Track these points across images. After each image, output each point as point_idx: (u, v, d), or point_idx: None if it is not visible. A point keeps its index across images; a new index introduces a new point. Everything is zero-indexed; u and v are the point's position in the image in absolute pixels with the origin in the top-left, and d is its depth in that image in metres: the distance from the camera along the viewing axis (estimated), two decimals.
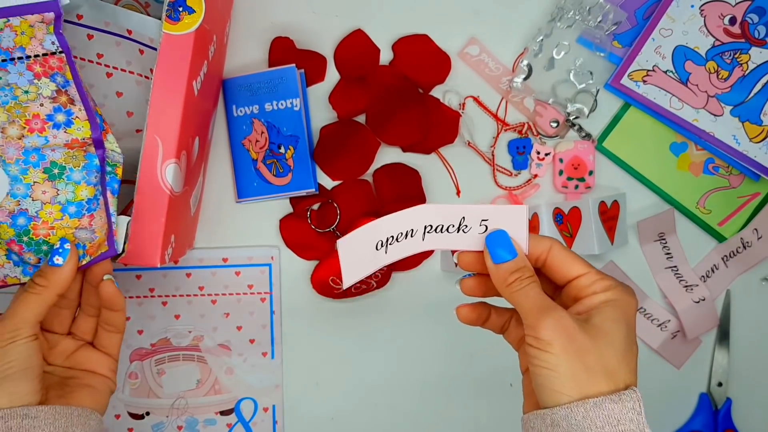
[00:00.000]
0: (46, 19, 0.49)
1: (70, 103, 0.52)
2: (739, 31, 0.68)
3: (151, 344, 0.71)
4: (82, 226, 0.53)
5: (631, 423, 0.41)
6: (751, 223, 0.71)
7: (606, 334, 0.43)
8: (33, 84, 0.51)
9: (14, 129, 0.51)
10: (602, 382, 0.42)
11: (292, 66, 0.68)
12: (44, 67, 0.51)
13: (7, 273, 0.54)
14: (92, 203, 0.53)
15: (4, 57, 0.49)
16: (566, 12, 0.68)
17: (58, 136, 0.52)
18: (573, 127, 0.70)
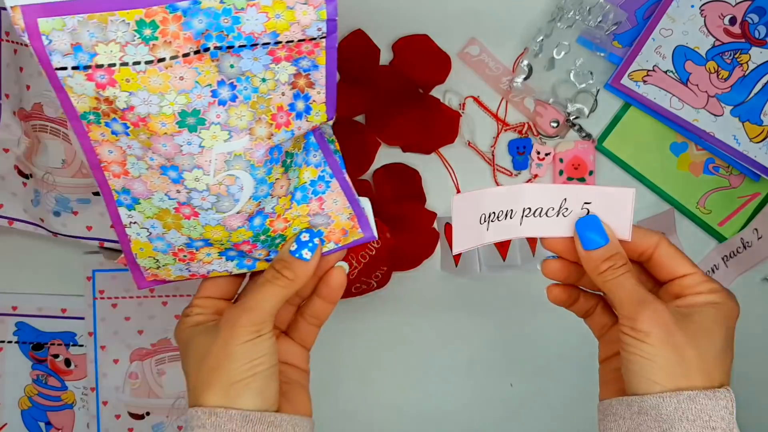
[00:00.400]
0: (312, 1, 0.40)
1: (308, 87, 0.45)
2: (739, 31, 0.68)
3: (152, 344, 0.71)
4: (313, 212, 0.49)
5: (722, 421, 0.41)
6: (752, 223, 0.71)
7: (706, 333, 0.43)
8: (269, 70, 0.43)
9: (262, 128, 0.44)
10: (697, 378, 0.42)
11: None
12: (291, 52, 0.43)
13: (214, 268, 0.50)
14: (318, 185, 0.49)
15: (244, 42, 0.41)
16: (566, 12, 0.68)
17: (302, 126, 0.46)
18: (573, 127, 0.70)
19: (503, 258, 0.68)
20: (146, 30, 0.38)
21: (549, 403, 0.74)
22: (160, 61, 0.39)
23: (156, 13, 0.38)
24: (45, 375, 0.73)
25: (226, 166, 0.43)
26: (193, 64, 0.40)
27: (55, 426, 0.74)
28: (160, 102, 0.40)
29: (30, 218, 0.66)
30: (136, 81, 0.39)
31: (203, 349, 0.45)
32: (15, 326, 0.72)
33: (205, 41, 0.40)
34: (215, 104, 0.41)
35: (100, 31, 0.38)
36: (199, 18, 0.39)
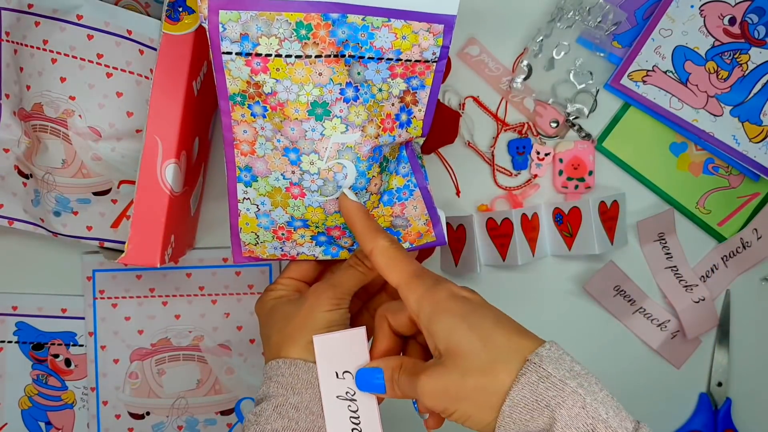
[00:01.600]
0: (433, 29, 0.49)
1: (413, 104, 0.53)
2: (738, 32, 0.68)
3: (152, 344, 0.71)
4: (395, 214, 0.56)
5: (547, 390, 0.41)
6: (751, 223, 0.71)
7: (456, 351, 0.43)
8: (386, 82, 0.51)
9: (372, 128, 0.51)
10: (500, 383, 0.41)
11: None
12: (406, 70, 0.51)
13: (303, 251, 0.56)
14: (402, 192, 0.56)
15: (373, 55, 0.49)
16: (566, 12, 0.68)
17: (402, 135, 0.54)
18: (573, 127, 0.70)
19: (503, 258, 0.68)
20: (302, 30, 0.47)
21: None
22: (307, 57, 0.47)
23: (312, 18, 0.46)
24: (45, 375, 0.73)
25: (337, 155, 0.51)
26: (331, 64, 0.48)
27: (56, 426, 0.74)
28: (298, 91, 0.48)
29: (30, 218, 0.66)
30: (284, 71, 0.47)
31: (289, 314, 0.53)
32: (15, 326, 0.72)
33: (344, 48, 0.48)
34: (341, 100, 0.49)
35: (266, 26, 0.46)
36: (343, 29, 0.47)
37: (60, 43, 0.60)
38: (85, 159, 0.62)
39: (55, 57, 0.60)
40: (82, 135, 0.61)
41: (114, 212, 0.65)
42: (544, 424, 0.40)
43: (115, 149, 0.62)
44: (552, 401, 0.40)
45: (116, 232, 0.65)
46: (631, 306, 0.72)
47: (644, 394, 0.73)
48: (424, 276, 0.47)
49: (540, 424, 0.40)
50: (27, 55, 0.61)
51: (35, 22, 0.60)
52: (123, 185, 0.64)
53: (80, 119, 0.61)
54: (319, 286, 0.53)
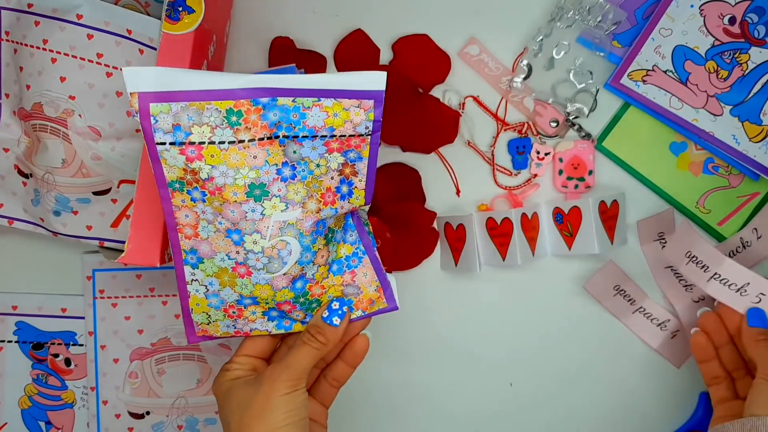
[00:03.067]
0: (363, 105, 0.51)
1: (353, 175, 0.54)
2: (738, 31, 0.68)
3: (152, 344, 0.71)
4: (346, 283, 0.57)
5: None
6: (751, 223, 0.71)
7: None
8: (323, 158, 0.52)
9: (313, 203, 0.52)
10: None
11: (292, 66, 0.68)
12: (342, 144, 0.52)
13: (256, 327, 0.57)
14: (351, 260, 0.57)
15: (306, 134, 0.50)
16: (566, 12, 0.68)
17: (344, 206, 0.55)
18: (573, 126, 0.70)
19: (503, 258, 0.68)
20: (233, 117, 0.48)
21: (549, 403, 0.74)
22: (240, 142, 0.48)
23: (242, 104, 0.48)
24: (45, 374, 0.73)
25: (280, 233, 0.51)
26: (265, 146, 0.49)
27: (55, 425, 0.74)
28: (235, 175, 0.49)
29: (30, 218, 0.66)
30: (219, 157, 0.48)
31: (245, 400, 0.51)
32: (15, 326, 0.72)
33: (277, 130, 0.49)
34: (278, 180, 0.50)
35: (197, 116, 0.48)
36: (274, 112, 0.48)
37: (60, 43, 0.60)
38: (85, 158, 0.62)
39: (54, 56, 0.60)
40: (81, 134, 0.61)
41: (114, 212, 0.65)
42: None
43: (115, 149, 0.62)
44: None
45: (116, 232, 0.65)
46: (630, 306, 0.72)
47: (644, 394, 0.73)
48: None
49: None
50: (27, 55, 0.61)
51: (35, 21, 0.60)
52: (123, 185, 0.64)
53: (80, 119, 0.61)
54: (274, 368, 0.53)
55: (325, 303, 0.56)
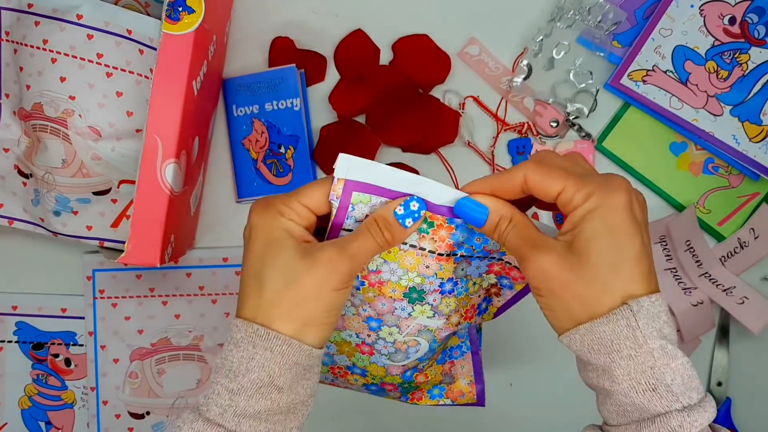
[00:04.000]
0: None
1: (495, 295, 0.55)
2: (738, 31, 0.68)
3: (152, 344, 0.71)
4: (444, 372, 0.58)
5: (627, 340, 0.41)
6: (748, 223, 0.71)
7: (587, 254, 0.42)
8: (480, 276, 0.52)
9: (456, 317, 0.52)
10: (596, 306, 0.42)
11: (292, 66, 0.68)
12: (503, 269, 0.52)
13: (351, 388, 0.58)
14: (454, 352, 0.59)
15: (480, 255, 0.50)
16: (566, 12, 0.68)
17: (477, 320, 0.55)
18: (573, 126, 0.70)
19: None
20: (424, 225, 0.47)
21: (549, 403, 0.74)
22: (421, 249, 0.48)
23: (437, 218, 0.47)
24: (45, 374, 0.73)
25: (417, 333, 0.52)
26: (440, 261, 0.48)
27: (56, 425, 0.74)
28: (402, 275, 0.49)
29: (30, 218, 0.66)
30: (395, 255, 0.48)
31: (292, 274, 0.44)
32: (15, 326, 0.72)
33: (457, 249, 0.48)
34: (438, 292, 0.50)
35: None
36: (462, 233, 0.48)
37: (60, 43, 0.60)
38: (85, 159, 0.62)
39: (54, 57, 0.60)
40: (82, 135, 0.61)
41: (114, 212, 0.65)
42: (604, 363, 0.41)
43: (115, 149, 0.62)
44: (624, 351, 0.41)
45: (116, 232, 0.65)
46: None
47: None
48: (596, 176, 0.44)
49: (601, 362, 0.42)
50: (27, 55, 0.61)
51: (35, 21, 0.60)
52: (123, 185, 0.64)
53: (80, 119, 0.61)
54: (335, 254, 0.45)
55: (401, 199, 0.48)
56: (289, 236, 0.46)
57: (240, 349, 0.44)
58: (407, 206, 0.46)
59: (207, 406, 0.43)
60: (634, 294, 0.41)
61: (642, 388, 0.41)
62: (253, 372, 0.43)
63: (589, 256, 0.42)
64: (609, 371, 0.41)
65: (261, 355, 0.43)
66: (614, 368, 0.41)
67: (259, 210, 0.47)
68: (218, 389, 0.43)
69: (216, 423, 0.42)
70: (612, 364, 0.41)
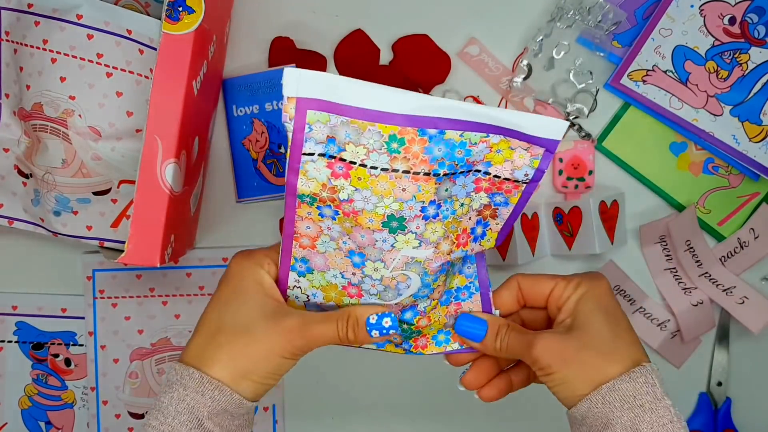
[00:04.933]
0: (532, 150, 0.46)
1: (491, 217, 0.51)
2: (738, 31, 0.68)
3: (152, 344, 0.71)
4: (449, 314, 0.54)
5: (648, 395, 0.44)
6: (747, 223, 0.71)
7: (589, 327, 0.47)
8: (469, 196, 0.48)
9: (446, 244, 0.49)
10: (608, 369, 0.45)
11: (292, 66, 0.68)
12: (492, 185, 0.48)
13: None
14: (461, 293, 0.54)
15: (465, 169, 0.46)
16: (566, 12, 0.68)
17: (474, 248, 0.52)
18: (573, 126, 0.70)
19: (503, 258, 0.68)
20: (394, 144, 0.44)
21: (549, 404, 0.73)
22: (393, 171, 0.44)
23: (408, 132, 0.43)
24: (45, 374, 0.73)
25: (404, 267, 0.48)
26: (418, 182, 0.45)
27: (56, 425, 0.74)
28: (377, 203, 0.45)
29: (30, 218, 0.66)
30: (366, 181, 0.45)
31: (250, 327, 0.47)
32: (15, 326, 0.72)
33: (438, 167, 0.45)
34: (420, 217, 0.46)
35: (356, 135, 0.44)
36: (439, 147, 0.44)
37: (60, 43, 0.60)
38: (85, 159, 0.62)
39: (54, 57, 0.60)
40: (82, 134, 0.61)
41: (114, 212, 0.65)
42: (628, 420, 0.44)
43: (115, 149, 0.62)
44: (647, 405, 0.44)
45: (116, 232, 0.65)
46: (630, 305, 0.72)
47: None
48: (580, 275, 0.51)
49: (624, 419, 0.44)
50: (27, 55, 0.61)
51: (35, 21, 0.60)
52: (123, 185, 0.64)
53: (80, 119, 0.61)
54: (295, 328, 0.47)
55: (380, 310, 0.49)
56: (260, 289, 0.48)
57: (172, 390, 0.46)
58: (380, 320, 0.49)
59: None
60: (639, 356, 0.46)
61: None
62: (182, 414, 0.45)
63: (593, 327, 0.47)
64: (634, 427, 0.44)
65: (191, 398, 0.45)
66: (639, 423, 0.43)
67: (239, 258, 0.50)
68: (150, 431, 0.45)
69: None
70: (636, 419, 0.44)
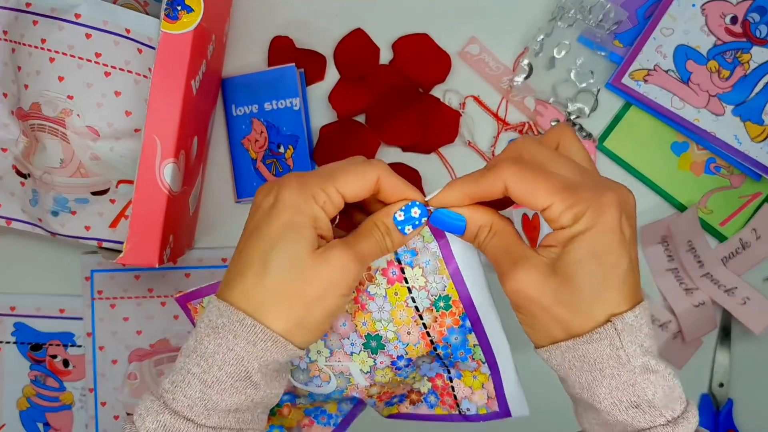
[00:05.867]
0: (490, 403, 0.52)
1: (411, 402, 0.54)
2: (740, 31, 0.67)
3: (150, 345, 0.71)
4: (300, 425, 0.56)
5: (610, 359, 0.39)
6: (749, 224, 0.71)
7: (572, 279, 0.40)
8: (422, 377, 0.52)
9: (376, 390, 0.51)
10: (577, 326, 0.40)
11: (292, 65, 0.68)
12: (442, 390, 0.53)
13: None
14: (322, 417, 0.56)
15: (447, 364, 0.50)
16: (567, 11, 0.68)
17: (378, 405, 0.54)
18: (574, 126, 0.70)
19: None
20: (441, 302, 0.46)
21: (549, 404, 0.73)
22: (420, 316, 0.47)
23: (458, 306, 0.47)
24: (43, 375, 0.72)
25: (337, 373, 0.49)
26: (423, 340, 0.47)
27: (54, 427, 0.73)
28: (384, 320, 0.47)
29: (28, 218, 0.65)
30: (396, 300, 0.46)
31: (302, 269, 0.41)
32: (13, 326, 0.72)
33: (443, 346, 0.48)
34: (391, 359, 0.48)
35: (431, 269, 0.46)
36: (456, 336, 0.48)
37: (58, 42, 0.59)
38: (84, 158, 0.62)
39: (53, 56, 0.60)
40: (80, 134, 0.61)
41: (112, 212, 0.64)
42: (586, 381, 0.41)
43: (114, 149, 0.62)
44: (607, 370, 0.40)
45: (115, 232, 0.64)
46: None
47: None
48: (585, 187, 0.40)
49: (583, 379, 0.41)
50: (25, 54, 0.60)
51: (33, 20, 0.60)
52: (121, 185, 0.64)
53: (78, 118, 0.60)
54: (347, 256, 0.41)
55: (401, 205, 0.44)
56: (312, 226, 0.42)
57: (219, 336, 0.40)
58: (408, 212, 0.44)
59: (173, 394, 0.40)
60: (617, 313, 0.40)
61: (624, 406, 0.40)
62: (230, 365, 0.40)
63: (575, 282, 0.40)
64: (591, 389, 0.40)
65: (242, 348, 0.40)
66: (596, 387, 0.40)
67: (293, 187, 0.42)
68: (189, 378, 0.40)
69: (184, 416, 0.39)
70: (594, 382, 0.40)
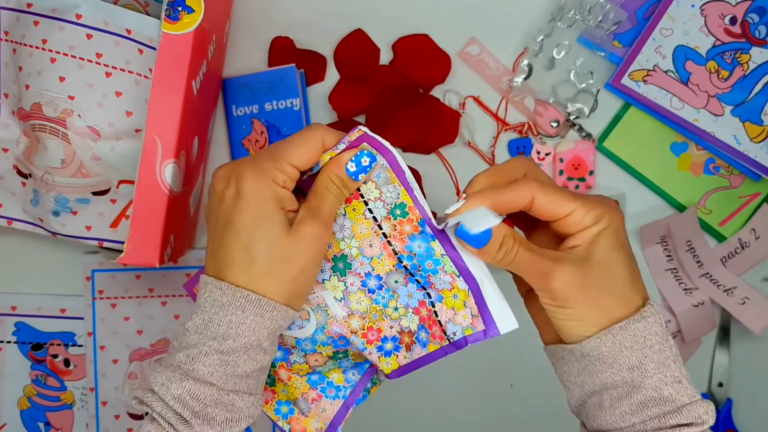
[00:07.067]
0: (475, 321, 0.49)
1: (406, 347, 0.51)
2: (739, 31, 0.68)
3: (151, 344, 0.71)
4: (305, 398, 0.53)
5: (657, 336, 0.44)
6: (749, 224, 0.71)
7: (611, 268, 0.45)
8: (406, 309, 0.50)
9: (356, 323, 0.50)
10: (620, 310, 0.44)
11: (292, 66, 0.68)
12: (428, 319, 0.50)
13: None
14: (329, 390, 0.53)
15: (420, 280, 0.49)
16: (567, 11, 0.68)
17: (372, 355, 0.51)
18: (573, 127, 0.70)
19: None
20: (398, 210, 0.47)
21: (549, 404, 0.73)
22: (379, 226, 0.47)
23: (414, 212, 0.47)
24: (44, 375, 0.73)
25: (314, 306, 0.49)
26: (385, 250, 0.48)
27: (55, 426, 0.73)
28: (346, 237, 0.48)
29: (29, 218, 0.65)
30: (356, 215, 0.47)
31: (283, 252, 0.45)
32: (14, 326, 0.72)
33: (407, 257, 0.48)
34: (360, 278, 0.48)
35: (383, 180, 0.47)
36: (419, 244, 0.47)
37: (59, 43, 0.59)
38: (85, 159, 0.62)
39: (54, 56, 0.60)
40: (81, 134, 0.61)
41: (113, 212, 0.64)
42: (637, 359, 0.44)
43: (115, 149, 0.62)
44: (656, 345, 0.44)
45: (115, 232, 0.65)
46: None
47: None
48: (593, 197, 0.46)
49: (634, 359, 0.44)
50: (26, 55, 0.61)
51: (34, 21, 0.60)
52: (122, 185, 0.64)
53: (79, 119, 0.60)
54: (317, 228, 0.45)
55: (353, 152, 0.47)
56: (280, 208, 0.45)
57: (228, 312, 0.44)
58: (359, 162, 0.46)
59: (193, 365, 0.44)
60: (646, 294, 0.46)
61: (670, 380, 0.43)
62: (243, 336, 0.44)
63: (615, 267, 0.45)
64: (641, 367, 0.43)
65: (252, 320, 0.44)
66: (647, 363, 0.43)
67: (251, 176, 0.45)
68: (206, 350, 0.44)
69: (207, 382, 0.44)
70: (645, 359, 0.43)
